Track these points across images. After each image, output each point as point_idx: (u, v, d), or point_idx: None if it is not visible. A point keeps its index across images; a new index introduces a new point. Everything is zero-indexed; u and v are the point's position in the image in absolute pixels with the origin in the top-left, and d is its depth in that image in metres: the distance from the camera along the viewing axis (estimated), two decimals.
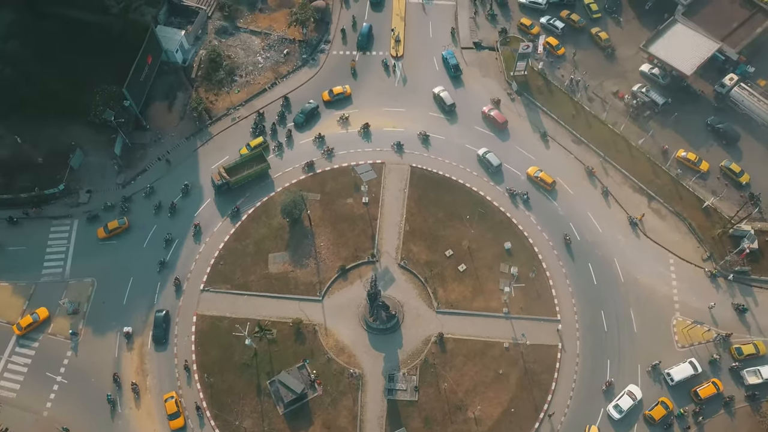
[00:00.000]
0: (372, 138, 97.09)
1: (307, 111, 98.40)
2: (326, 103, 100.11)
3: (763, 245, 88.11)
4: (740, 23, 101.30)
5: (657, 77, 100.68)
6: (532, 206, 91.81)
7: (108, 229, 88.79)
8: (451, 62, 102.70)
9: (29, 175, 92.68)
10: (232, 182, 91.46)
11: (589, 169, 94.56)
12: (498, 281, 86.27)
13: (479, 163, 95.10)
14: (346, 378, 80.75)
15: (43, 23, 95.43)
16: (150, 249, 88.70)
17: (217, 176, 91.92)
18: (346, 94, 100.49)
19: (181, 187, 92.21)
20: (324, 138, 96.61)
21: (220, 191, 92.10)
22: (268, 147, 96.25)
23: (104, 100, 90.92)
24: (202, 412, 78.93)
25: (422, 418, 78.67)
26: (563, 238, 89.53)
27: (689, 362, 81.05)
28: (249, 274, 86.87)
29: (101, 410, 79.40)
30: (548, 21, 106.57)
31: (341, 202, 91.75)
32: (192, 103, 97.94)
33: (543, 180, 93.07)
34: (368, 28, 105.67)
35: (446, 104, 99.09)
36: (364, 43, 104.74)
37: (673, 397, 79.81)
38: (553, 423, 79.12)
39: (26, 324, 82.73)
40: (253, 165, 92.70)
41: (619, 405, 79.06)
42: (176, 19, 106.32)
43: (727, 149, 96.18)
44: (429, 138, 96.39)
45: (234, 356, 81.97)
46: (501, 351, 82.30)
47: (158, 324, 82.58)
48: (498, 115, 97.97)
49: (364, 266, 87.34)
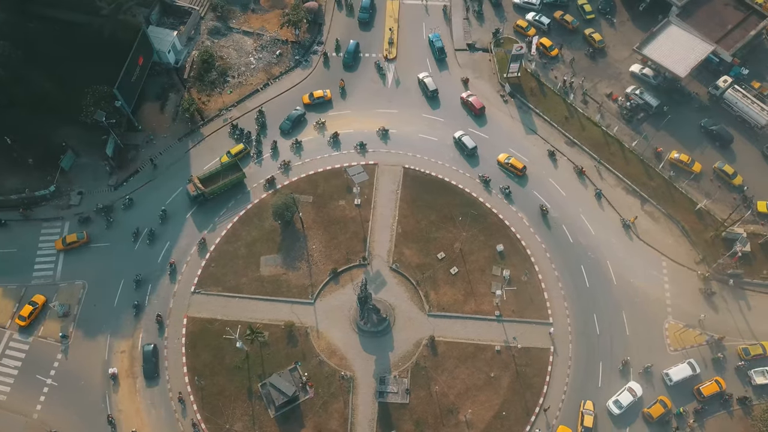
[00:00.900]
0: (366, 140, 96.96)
1: (293, 118, 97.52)
2: (306, 107, 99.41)
3: (755, 248, 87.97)
4: (734, 25, 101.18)
5: (648, 78, 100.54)
6: (514, 200, 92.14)
7: (66, 241, 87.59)
8: (437, 45, 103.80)
9: (19, 177, 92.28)
10: (208, 192, 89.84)
11: (578, 169, 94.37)
12: (490, 284, 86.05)
13: (455, 146, 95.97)
14: (338, 381, 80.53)
15: (34, 24, 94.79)
16: (141, 251, 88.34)
17: (192, 188, 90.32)
18: (327, 98, 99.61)
19: (159, 213, 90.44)
20: (301, 143, 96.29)
21: (195, 202, 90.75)
22: (249, 154, 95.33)
23: (95, 100, 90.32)
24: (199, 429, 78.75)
25: (413, 421, 78.49)
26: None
27: (687, 363, 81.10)
28: (240, 276, 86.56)
29: (91, 413, 79.07)
30: (534, 17, 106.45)
31: (333, 205, 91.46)
32: (184, 104, 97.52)
33: (513, 166, 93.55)
34: (354, 45, 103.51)
35: (429, 89, 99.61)
36: (350, 62, 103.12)
37: (672, 398, 79.81)
38: (548, 417, 79.09)
39: (28, 313, 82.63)
40: (228, 174, 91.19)
41: (619, 401, 79.22)
42: (169, 20, 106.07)
43: (720, 151, 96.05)
44: (388, 132, 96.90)
45: (225, 359, 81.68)
46: (492, 354, 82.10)
47: (147, 358, 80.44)
48: (476, 101, 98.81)
49: (355, 269, 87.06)
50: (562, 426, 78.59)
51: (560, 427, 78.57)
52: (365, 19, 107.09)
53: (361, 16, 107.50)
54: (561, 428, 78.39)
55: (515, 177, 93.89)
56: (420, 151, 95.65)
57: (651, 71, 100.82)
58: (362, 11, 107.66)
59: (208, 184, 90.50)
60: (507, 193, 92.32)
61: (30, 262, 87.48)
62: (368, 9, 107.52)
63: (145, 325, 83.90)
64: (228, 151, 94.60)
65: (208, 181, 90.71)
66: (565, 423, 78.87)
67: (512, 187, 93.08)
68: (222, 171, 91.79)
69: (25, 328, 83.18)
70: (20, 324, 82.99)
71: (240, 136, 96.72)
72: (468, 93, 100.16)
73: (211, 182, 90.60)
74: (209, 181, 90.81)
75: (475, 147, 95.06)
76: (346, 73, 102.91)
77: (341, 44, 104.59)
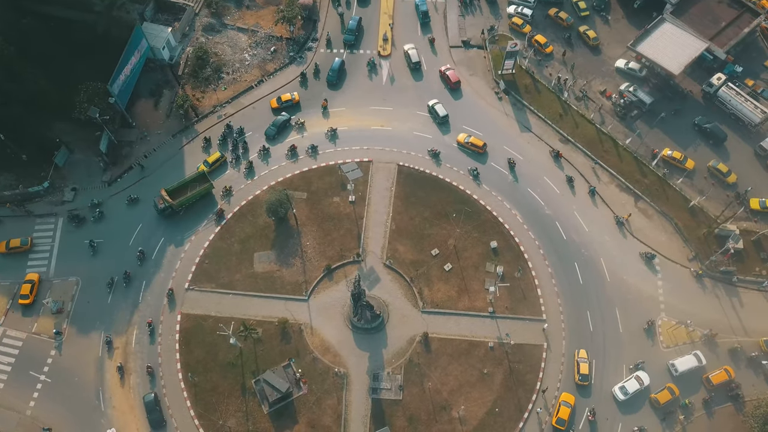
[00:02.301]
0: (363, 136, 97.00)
1: (278, 123, 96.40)
2: (274, 110, 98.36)
3: (748, 245, 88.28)
4: (728, 23, 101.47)
5: (635, 71, 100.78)
6: (484, 181, 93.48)
7: (9, 246, 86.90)
8: (422, 8, 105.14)
9: (13, 173, 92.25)
10: (176, 205, 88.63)
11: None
12: (483, 281, 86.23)
13: (429, 113, 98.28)
14: (331, 377, 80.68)
15: (27, 20, 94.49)
16: (135, 247, 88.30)
17: (161, 201, 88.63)
18: (294, 101, 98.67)
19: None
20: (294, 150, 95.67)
21: (163, 215, 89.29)
22: (226, 162, 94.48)
23: (89, 97, 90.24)
24: None
25: (406, 418, 78.68)
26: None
27: (693, 354, 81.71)
28: (234, 273, 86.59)
29: (84, 409, 79.12)
30: (516, 10, 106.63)
31: (327, 201, 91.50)
32: (178, 101, 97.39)
33: (474, 144, 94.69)
34: (339, 63, 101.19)
35: (412, 61, 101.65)
36: (334, 79, 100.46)
37: (679, 388, 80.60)
38: (546, 399, 79.77)
39: (28, 290, 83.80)
40: (196, 186, 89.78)
41: (626, 387, 79.97)
42: (163, 16, 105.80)
43: (714, 149, 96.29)
44: (336, 132, 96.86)
45: (219, 355, 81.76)
46: (486, 351, 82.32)
47: (151, 409, 78.70)
48: (452, 75, 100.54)
49: (349, 266, 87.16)
50: (566, 393, 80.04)
51: (564, 394, 79.94)
52: (350, 41, 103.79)
53: (347, 38, 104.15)
54: (564, 395, 79.77)
55: (477, 155, 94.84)
56: (414, 149, 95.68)
57: (637, 65, 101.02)
58: (348, 33, 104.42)
59: (176, 195, 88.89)
60: (475, 174, 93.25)
61: (23, 258, 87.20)
62: (354, 31, 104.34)
63: (139, 321, 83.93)
64: (205, 160, 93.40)
65: (176, 193, 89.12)
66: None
67: (504, 183, 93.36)
68: (190, 182, 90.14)
69: (29, 306, 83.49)
70: (24, 303, 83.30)
71: (235, 142, 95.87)
72: (446, 66, 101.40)
73: (179, 194, 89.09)
74: (177, 192, 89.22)
75: (446, 115, 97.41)
76: (330, 91, 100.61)
77: (321, 67, 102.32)
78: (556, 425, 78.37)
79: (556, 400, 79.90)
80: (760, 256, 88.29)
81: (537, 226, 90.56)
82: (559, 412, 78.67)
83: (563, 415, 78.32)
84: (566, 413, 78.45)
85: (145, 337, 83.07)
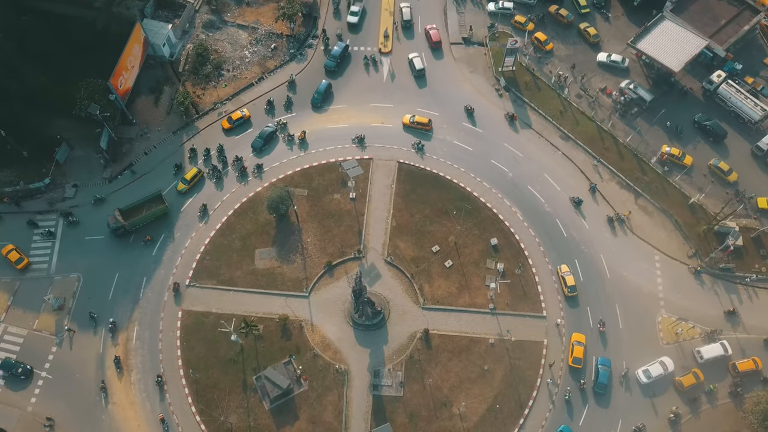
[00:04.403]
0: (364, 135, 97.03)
1: (265, 135, 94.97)
2: (226, 131, 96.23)
3: (747, 242, 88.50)
4: (728, 20, 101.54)
5: (617, 63, 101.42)
6: (426, 151, 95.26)
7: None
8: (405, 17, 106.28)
9: (14, 169, 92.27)
10: (128, 225, 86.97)
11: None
12: (484, 277, 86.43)
13: (409, 66, 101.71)
14: (332, 374, 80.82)
15: (27, 17, 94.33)
16: (135, 243, 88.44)
17: (113, 219, 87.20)
18: (245, 117, 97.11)
19: None
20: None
21: (116, 235, 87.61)
22: (203, 176, 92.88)
23: (89, 93, 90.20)
24: None
25: (407, 414, 78.88)
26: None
27: (720, 343, 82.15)
28: (235, 269, 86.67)
29: (86, 405, 79.25)
30: (496, 6, 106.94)
31: (328, 198, 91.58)
32: (179, 98, 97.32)
33: (420, 123, 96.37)
34: (326, 86, 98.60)
35: (403, 19, 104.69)
36: (319, 102, 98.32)
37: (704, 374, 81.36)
38: (553, 373, 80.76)
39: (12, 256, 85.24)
40: (151, 206, 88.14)
41: (649, 370, 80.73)
42: (163, 13, 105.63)
43: (713, 146, 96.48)
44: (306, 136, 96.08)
45: (220, 352, 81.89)
46: (486, 347, 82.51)
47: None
48: (434, 35, 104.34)
49: (350, 262, 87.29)
50: (576, 333, 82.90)
51: (574, 334, 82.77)
52: (331, 68, 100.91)
53: (328, 64, 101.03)
54: (575, 335, 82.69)
55: (424, 133, 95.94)
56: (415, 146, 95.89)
57: (619, 57, 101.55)
58: (330, 59, 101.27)
59: (130, 215, 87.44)
60: (420, 147, 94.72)
61: (24, 254, 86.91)
62: (337, 58, 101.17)
63: (139, 318, 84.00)
64: (183, 177, 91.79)
65: (130, 213, 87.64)
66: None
67: (504, 180, 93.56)
68: (145, 203, 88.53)
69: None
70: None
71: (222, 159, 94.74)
72: (431, 26, 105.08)
73: (134, 214, 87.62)
74: (132, 212, 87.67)
75: (423, 68, 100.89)
76: (314, 113, 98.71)
77: (293, 85, 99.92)
78: (573, 364, 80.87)
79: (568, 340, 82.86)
80: (759, 254, 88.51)
81: (537, 223, 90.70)
82: (574, 351, 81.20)
83: (578, 354, 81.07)
84: (581, 351, 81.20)
85: (146, 334, 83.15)
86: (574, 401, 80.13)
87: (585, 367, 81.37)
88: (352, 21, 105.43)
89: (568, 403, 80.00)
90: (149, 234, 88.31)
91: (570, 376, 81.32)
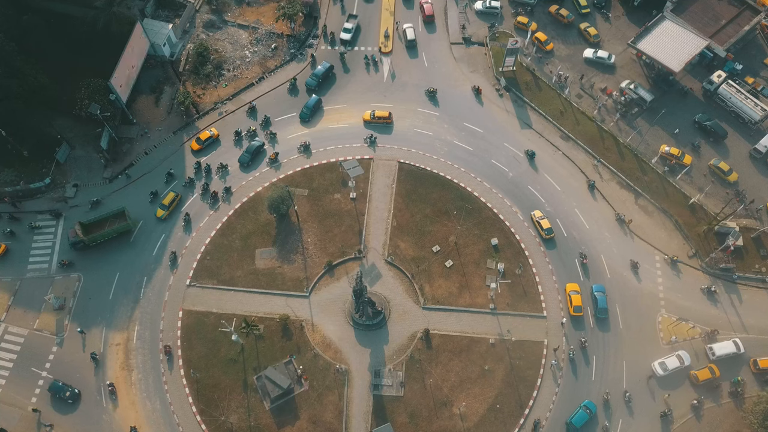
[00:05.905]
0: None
1: (252, 150, 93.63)
2: (195, 152, 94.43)
3: (747, 242, 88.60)
4: (728, 20, 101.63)
5: (603, 59, 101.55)
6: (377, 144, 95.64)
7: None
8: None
9: (14, 169, 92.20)
10: (88, 240, 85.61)
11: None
12: (484, 277, 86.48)
13: (398, 38, 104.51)
14: (333, 373, 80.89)
15: (27, 16, 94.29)
16: (137, 243, 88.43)
17: (73, 233, 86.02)
18: (214, 136, 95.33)
19: None
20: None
21: (75, 249, 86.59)
22: (180, 200, 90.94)
23: (90, 93, 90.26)
24: None
25: (408, 414, 78.95)
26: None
27: (733, 341, 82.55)
28: (236, 269, 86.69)
29: (86, 405, 79.26)
30: (483, 5, 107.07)
31: (329, 198, 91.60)
32: (179, 97, 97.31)
33: (380, 117, 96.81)
34: (315, 101, 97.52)
35: (407, 39, 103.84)
36: (307, 117, 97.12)
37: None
38: (558, 357, 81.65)
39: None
40: (114, 222, 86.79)
41: (665, 363, 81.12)
42: (164, 12, 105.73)
43: (714, 146, 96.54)
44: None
45: (220, 352, 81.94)
46: (487, 347, 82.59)
47: None
48: (428, 9, 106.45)
49: (350, 262, 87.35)
50: (570, 283, 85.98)
51: (568, 285, 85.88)
52: (312, 86, 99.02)
53: (309, 82, 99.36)
54: (569, 285, 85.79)
55: (385, 126, 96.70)
56: (415, 146, 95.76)
57: (605, 53, 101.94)
58: (312, 77, 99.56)
59: (92, 230, 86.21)
60: (373, 140, 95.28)
61: (25, 255, 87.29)
62: (319, 77, 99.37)
63: (140, 317, 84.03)
64: (161, 203, 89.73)
65: (92, 227, 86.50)
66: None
67: (504, 181, 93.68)
68: (108, 218, 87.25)
69: None
70: None
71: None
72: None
73: (96, 229, 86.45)
74: (94, 227, 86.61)
75: (414, 39, 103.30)
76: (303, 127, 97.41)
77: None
78: (575, 313, 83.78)
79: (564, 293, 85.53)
80: (759, 253, 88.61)
81: None
82: (573, 302, 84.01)
83: (577, 302, 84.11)
84: (579, 299, 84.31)
85: (147, 333, 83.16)
86: (577, 359, 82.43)
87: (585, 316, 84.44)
88: (345, 38, 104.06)
89: (573, 361, 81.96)
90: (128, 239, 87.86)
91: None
